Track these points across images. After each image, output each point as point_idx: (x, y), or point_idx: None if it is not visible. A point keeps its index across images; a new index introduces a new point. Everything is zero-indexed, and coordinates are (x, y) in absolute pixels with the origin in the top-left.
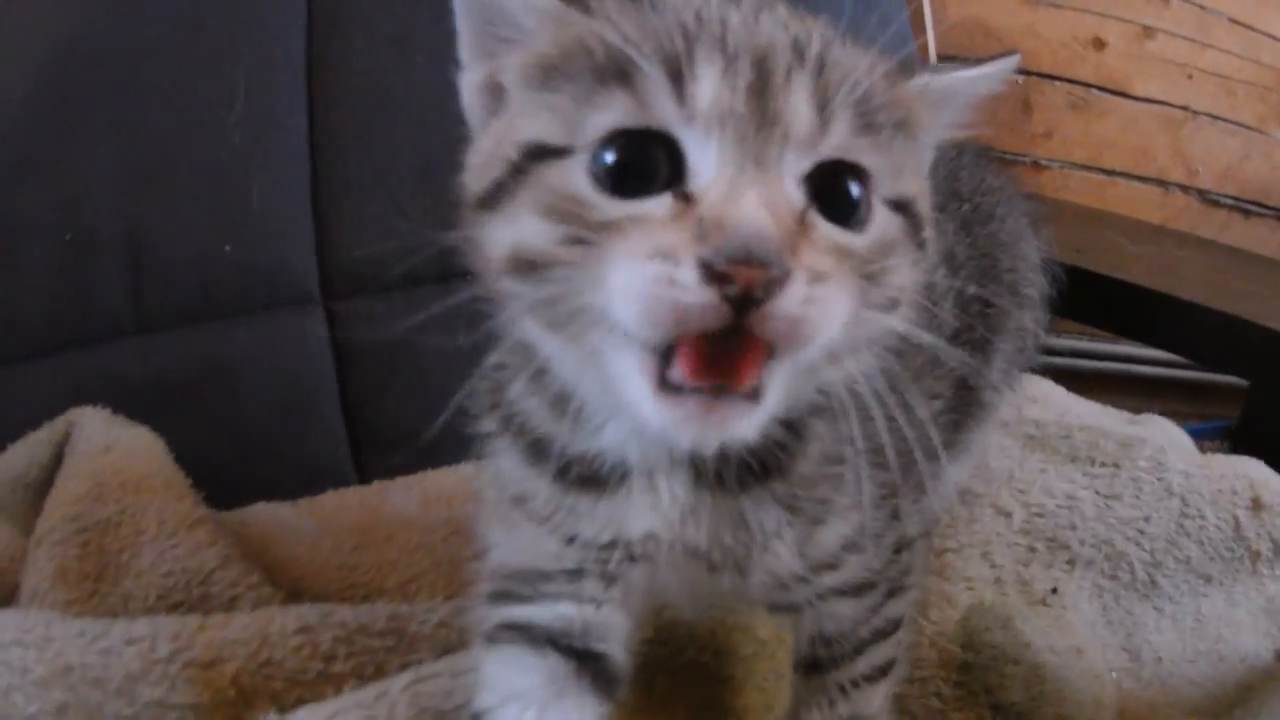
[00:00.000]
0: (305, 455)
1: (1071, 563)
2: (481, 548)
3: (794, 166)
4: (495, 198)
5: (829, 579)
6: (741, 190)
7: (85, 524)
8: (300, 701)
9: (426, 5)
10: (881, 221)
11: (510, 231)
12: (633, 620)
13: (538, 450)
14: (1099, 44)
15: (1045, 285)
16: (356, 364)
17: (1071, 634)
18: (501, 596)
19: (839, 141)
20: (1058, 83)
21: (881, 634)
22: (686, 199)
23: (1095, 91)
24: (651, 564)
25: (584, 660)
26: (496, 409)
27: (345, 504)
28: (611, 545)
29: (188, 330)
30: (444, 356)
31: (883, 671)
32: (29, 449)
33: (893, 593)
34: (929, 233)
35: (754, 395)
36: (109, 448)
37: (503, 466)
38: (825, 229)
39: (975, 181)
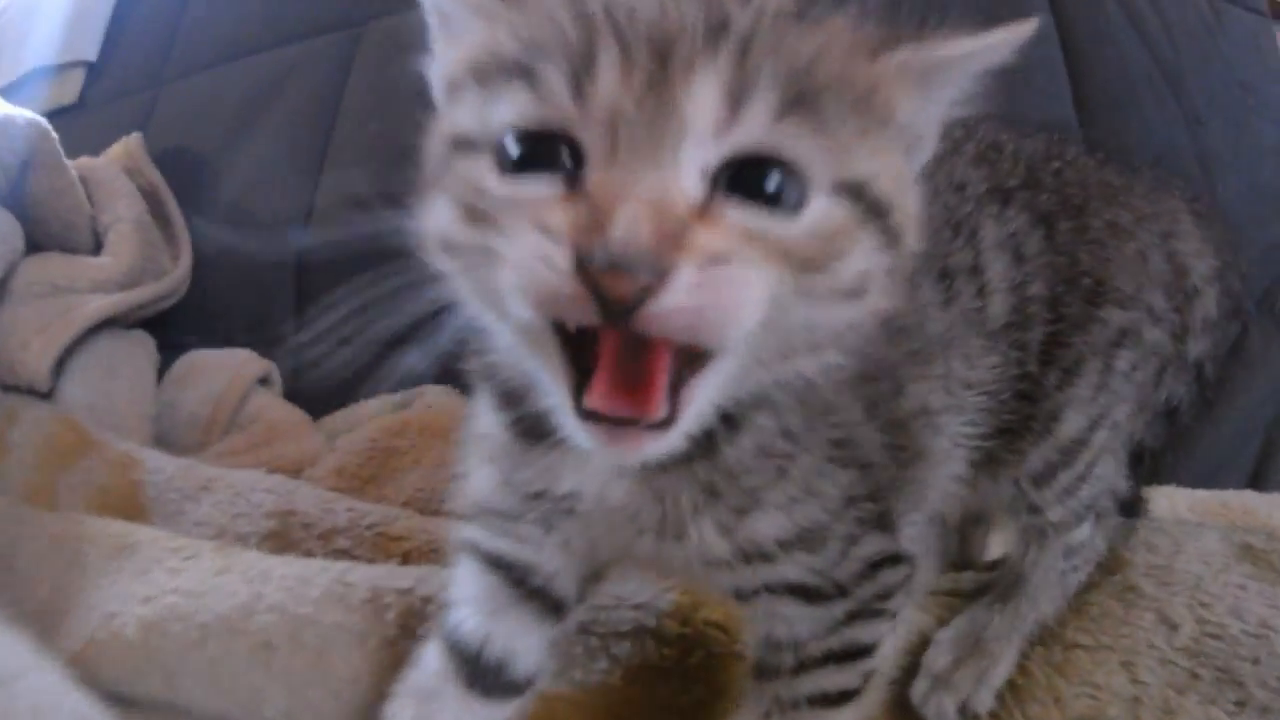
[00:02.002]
0: None
1: (1242, 704)
2: (460, 472)
3: (695, 159)
4: (430, 185)
5: (764, 572)
6: (625, 192)
7: (379, 444)
8: None
9: None
10: (821, 208)
11: (434, 217)
12: (575, 564)
13: (503, 397)
14: None
15: (1212, 304)
16: None
17: None
18: (467, 518)
19: (754, 131)
20: None
21: (837, 656)
22: (577, 185)
23: None
24: (581, 519)
25: (524, 589)
26: (478, 355)
27: None
28: (541, 495)
29: None
30: None
31: (833, 701)
32: (388, 399)
33: (861, 614)
34: (900, 216)
35: (664, 424)
36: (428, 405)
37: (478, 407)
38: (738, 215)
39: (1071, 174)
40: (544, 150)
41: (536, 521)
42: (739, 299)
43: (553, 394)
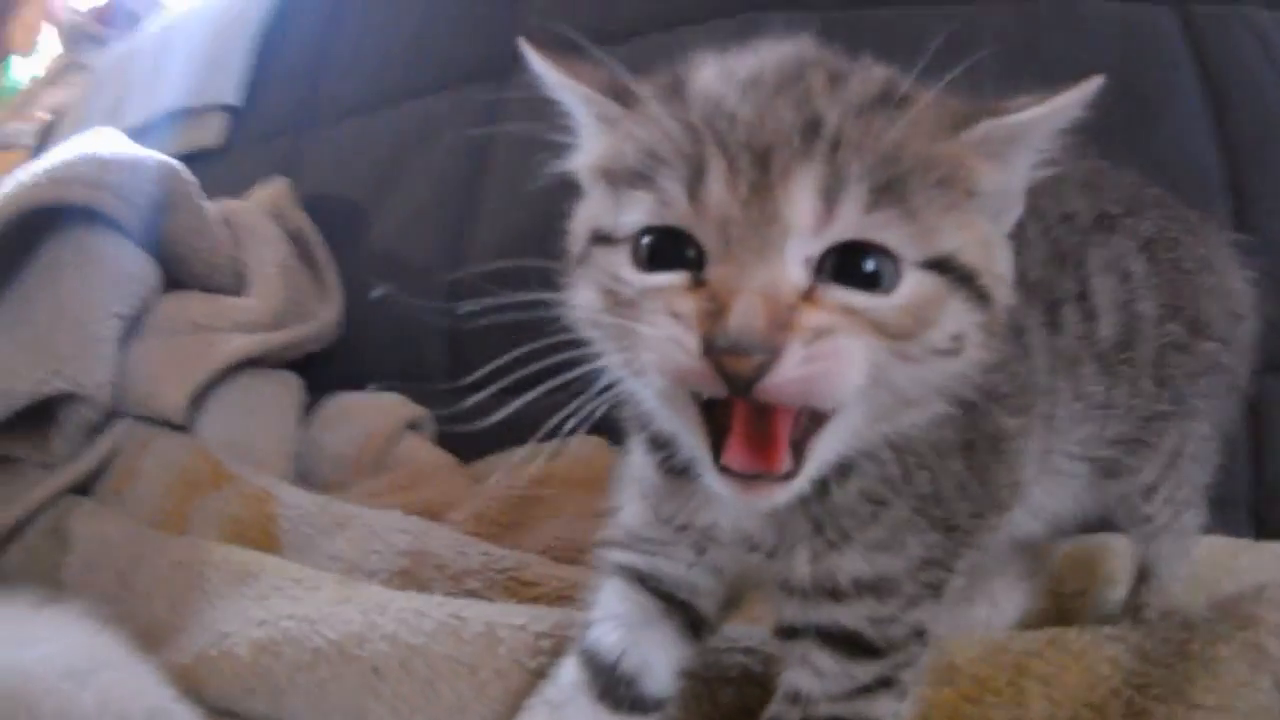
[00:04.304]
0: None
1: None
2: (615, 506)
3: (799, 252)
4: (575, 267)
5: (827, 610)
6: (739, 285)
7: (521, 492)
8: None
9: None
10: (913, 283)
11: (581, 297)
12: (719, 586)
13: (652, 442)
14: None
15: (1249, 327)
16: None
17: None
18: (617, 544)
19: (849, 223)
20: None
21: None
22: (701, 276)
23: None
24: (717, 547)
25: (672, 604)
26: (631, 406)
27: None
28: (686, 528)
29: None
30: None
31: None
32: (538, 448)
33: (881, 685)
34: (988, 279)
35: (789, 475)
36: (575, 456)
37: (633, 450)
38: (835, 292)
39: (1163, 206)
40: (670, 244)
41: (689, 547)
42: (842, 365)
43: (693, 449)
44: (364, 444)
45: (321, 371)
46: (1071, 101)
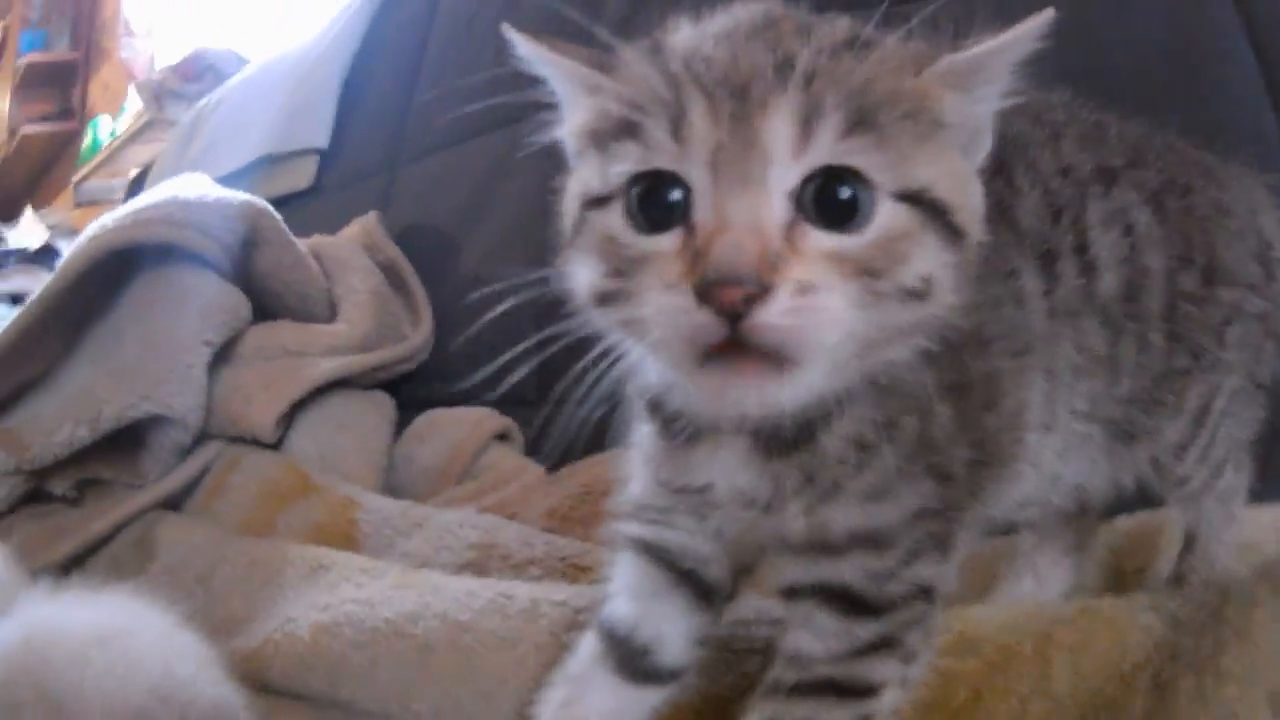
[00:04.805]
0: None
1: None
2: (624, 478)
3: (780, 181)
4: (572, 241)
5: (825, 567)
6: (726, 216)
7: (592, 489)
8: None
9: None
10: (887, 214)
11: (582, 270)
12: (724, 552)
13: (649, 407)
14: None
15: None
16: None
17: None
18: (628, 516)
19: (825, 148)
20: None
21: (839, 688)
22: (691, 230)
23: None
24: (721, 508)
25: (681, 574)
26: (634, 380)
27: None
28: (684, 489)
29: None
30: None
31: None
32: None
33: (883, 645)
34: (962, 215)
35: (779, 365)
36: None
37: (635, 422)
38: (815, 237)
39: (1172, 155)
40: (660, 194)
41: (689, 512)
42: (823, 324)
43: (681, 381)
44: (452, 455)
45: (415, 391)
46: (1026, 34)
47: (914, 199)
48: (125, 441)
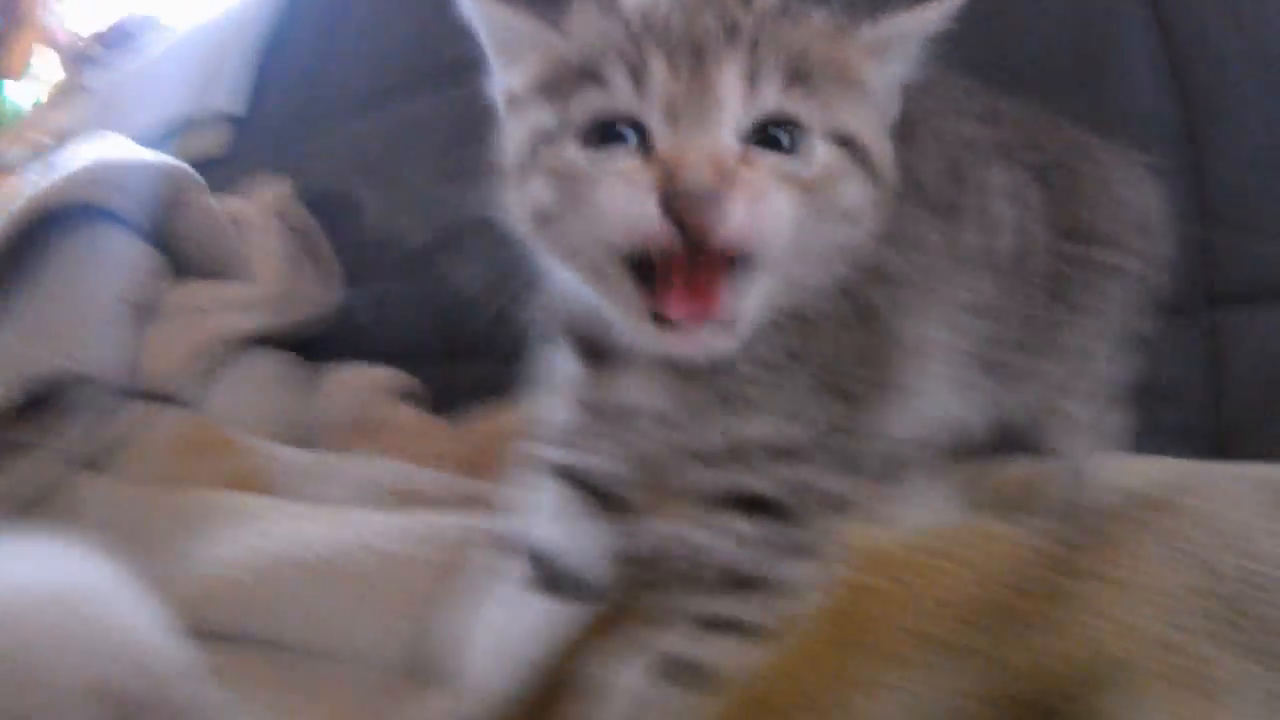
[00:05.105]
0: None
1: None
2: (536, 407)
3: (731, 123)
4: (518, 174)
5: (745, 476)
6: (687, 148)
7: (495, 436)
8: None
9: None
10: (824, 153)
11: (529, 195)
12: (644, 472)
13: (570, 333)
14: None
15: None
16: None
17: None
18: (549, 442)
19: (769, 99)
20: None
21: (748, 582)
22: (650, 155)
23: None
24: (636, 428)
25: (599, 496)
26: (551, 308)
27: None
28: (604, 411)
29: None
30: None
31: (724, 628)
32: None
33: (793, 549)
34: (879, 159)
35: (728, 324)
36: None
37: (550, 353)
38: (768, 159)
39: (1059, 135)
40: (614, 130)
41: (608, 434)
42: (775, 217)
43: (622, 316)
44: (358, 412)
45: (323, 351)
46: (934, 12)
47: (843, 141)
48: (47, 404)
